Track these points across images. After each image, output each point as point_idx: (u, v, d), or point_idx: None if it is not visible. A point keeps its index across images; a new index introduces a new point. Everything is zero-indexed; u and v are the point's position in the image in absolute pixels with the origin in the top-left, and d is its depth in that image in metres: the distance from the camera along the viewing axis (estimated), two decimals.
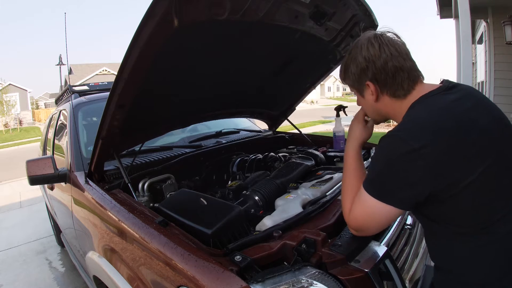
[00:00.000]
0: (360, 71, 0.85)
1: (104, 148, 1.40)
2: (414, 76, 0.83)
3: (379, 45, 0.82)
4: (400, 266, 1.10)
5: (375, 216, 0.80)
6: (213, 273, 0.81)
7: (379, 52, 0.82)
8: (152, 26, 0.95)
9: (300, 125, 4.00)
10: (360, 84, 0.88)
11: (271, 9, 1.22)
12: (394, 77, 0.82)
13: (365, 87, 0.87)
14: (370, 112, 0.94)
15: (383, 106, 0.88)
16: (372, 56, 0.82)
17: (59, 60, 4.64)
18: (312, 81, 2.10)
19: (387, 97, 0.85)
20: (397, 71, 0.81)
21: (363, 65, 0.84)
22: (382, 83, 0.84)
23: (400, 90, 0.83)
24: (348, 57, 0.88)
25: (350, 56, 0.87)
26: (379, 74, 0.83)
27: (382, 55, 0.82)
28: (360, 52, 0.84)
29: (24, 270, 3.03)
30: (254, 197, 1.33)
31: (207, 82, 1.60)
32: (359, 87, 0.89)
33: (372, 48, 0.83)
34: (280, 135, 2.51)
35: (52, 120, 3.01)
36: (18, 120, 22.25)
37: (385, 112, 0.89)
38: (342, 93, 55.88)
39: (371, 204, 0.79)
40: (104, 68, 26.76)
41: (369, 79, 0.84)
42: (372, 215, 0.81)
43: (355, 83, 0.89)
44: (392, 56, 0.81)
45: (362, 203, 0.82)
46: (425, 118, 0.76)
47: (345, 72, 0.91)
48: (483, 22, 5.42)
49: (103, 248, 1.32)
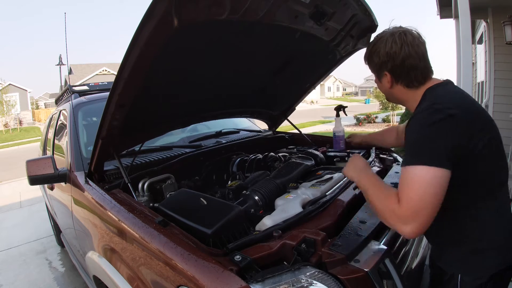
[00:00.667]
0: (381, 63, 1.00)
1: (104, 148, 1.40)
2: (426, 74, 0.98)
3: (401, 44, 0.95)
4: (400, 266, 1.10)
5: (429, 187, 0.81)
6: (213, 273, 0.81)
7: (400, 50, 0.95)
8: (152, 26, 0.95)
9: (300, 125, 4.00)
10: (379, 71, 1.03)
11: (271, 9, 1.22)
12: (408, 73, 0.97)
13: (383, 75, 1.02)
14: (384, 93, 1.11)
15: (397, 92, 1.04)
16: (393, 53, 0.96)
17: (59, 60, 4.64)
18: (312, 81, 2.10)
19: (401, 86, 1.01)
20: (411, 69, 0.96)
21: (384, 58, 0.98)
22: (397, 75, 0.99)
23: (414, 83, 0.98)
24: (373, 47, 1.02)
25: (375, 47, 1.01)
26: (396, 69, 0.98)
27: (402, 53, 0.95)
28: (384, 47, 0.98)
29: (24, 270, 3.03)
30: (254, 197, 1.33)
31: (207, 82, 1.60)
32: (378, 74, 1.05)
33: (395, 45, 0.96)
34: (280, 135, 2.51)
35: (52, 120, 3.01)
36: (18, 120, 22.24)
37: (398, 96, 1.06)
38: (342, 93, 55.90)
39: (422, 174, 0.82)
40: (104, 68, 26.76)
41: (387, 70, 1.00)
42: (426, 187, 0.81)
43: (375, 70, 1.05)
44: (410, 56, 0.95)
45: (411, 180, 0.83)
46: (449, 97, 0.92)
47: (369, 59, 1.06)
48: (483, 22, 5.42)
49: (103, 248, 1.32)
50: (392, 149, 1.93)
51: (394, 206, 0.85)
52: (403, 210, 0.83)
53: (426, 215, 0.81)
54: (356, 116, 13.83)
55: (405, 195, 0.83)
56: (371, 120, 13.52)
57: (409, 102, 1.03)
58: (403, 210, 0.83)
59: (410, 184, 0.83)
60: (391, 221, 0.87)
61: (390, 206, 0.86)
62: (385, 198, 0.89)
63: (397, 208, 0.84)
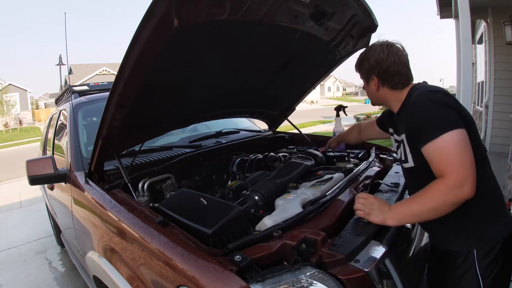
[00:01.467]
0: (370, 68, 1.15)
1: (104, 148, 1.40)
2: (408, 79, 1.14)
3: (388, 53, 1.12)
4: (400, 266, 1.10)
5: (461, 145, 0.91)
6: (213, 273, 0.81)
7: (386, 58, 1.12)
8: (152, 26, 0.95)
9: (300, 125, 4.00)
10: (368, 76, 1.18)
11: (271, 9, 1.22)
12: (393, 77, 1.13)
13: (371, 79, 1.17)
14: (370, 96, 1.25)
15: (382, 94, 1.18)
16: (381, 59, 1.12)
17: (59, 60, 4.63)
18: (312, 81, 2.10)
19: (387, 89, 1.16)
20: (395, 74, 1.12)
21: (373, 64, 1.14)
22: (384, 79, 1.14)
23: (398, 85, 1.13)
24: (364, 55, 1.18)
25: (366, 55, 1.17)
26: (382, 73, 1.13)
27: (388, 61, 1.11)
28: (373, 55, 1.14)
29: (24, 270, 3.03)
30: (254, 197, 1.33)
31: (207, 82, 1.60)
32: (367, 78, 1.19)
33: (382, 54, 1.12)
34: (280, 135, 2.51)
35: (52, 120, 3.01)
36: (18, 120, 22.24)
37: (382, 98, 1.20)
38: (342, 93, 55.90)
39: (451, 139, 0.92)
40: (104, 68, 26.76)
41: (375, 74, 1.15)
42: (459, 147, 0.91)
43: (364, 74, 1.20)
44: (395, 63, 1.11)
45: (444, 149, 0.92)
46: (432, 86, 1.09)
47: (360, 65, 1.20)
48: (483, 22, 5.42)
49: (103, 248, 1.32)
50: (392, 149, 1.93)
51: (444, 184, 0.91)
52: (453, 177, 0.90)
53: (470, 169, 0.90)
54: (356, 116, 13.83)
55: (446, 165, 0.91)
56: None
57: (392, 102, 1.17)
58: (453, 178, 0.90)
59: (445, 152, 0.92)
60: (451, 196, 0.91)
61: (441, 188, 0.92)
62: (430, 192, 0.94)
63: (447, 180, 0.91)
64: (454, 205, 0.92)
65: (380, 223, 1.04)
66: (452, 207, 0.92)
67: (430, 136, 0.95)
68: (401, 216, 1.01)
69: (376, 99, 1.23)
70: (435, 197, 0.93)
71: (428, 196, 0.94)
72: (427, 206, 0.95)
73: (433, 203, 0.93)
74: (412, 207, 0.99)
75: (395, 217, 1.01)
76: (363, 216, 1.07)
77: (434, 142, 0.93)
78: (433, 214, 0.96)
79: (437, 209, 0.94)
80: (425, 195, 0.95)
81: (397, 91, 1.14)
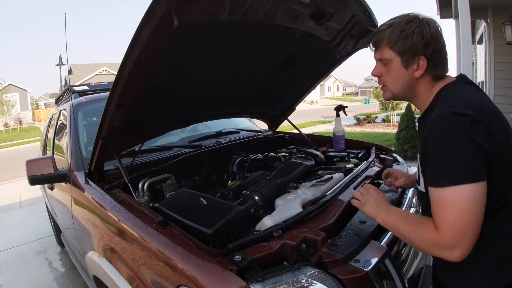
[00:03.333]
0: (422, 44, 0.84)
1: (104, 148, 1.40)
2: (447, 67, 0.90)
3: (441, 31, 0.87)
4: (400, 266, 1.10)
5: (470, 206, 0.72)
6: (212, 273, 0.81)
7: (441, 35, 0.86)
8: (152, 26, 0.95)
9: (300, 125, 4.01)
10: (412, 55, 0.86)
11: (271, 9, 1.22)
12: (444, 61, 0.88)
13: (415, 60, 0.86)
14: (399, 85, 0.92)
15: (419, 84, 0.90)
16: (437, 35, 0.85)
17: (59, 60, 4.64)
18: (312, 81, 2.10)
19: (429, 77, 0.88)
20: (446, 57, 0.88)
21: (428, 40, 0.84)
22: (434, 62, 0.86)
23: (443, 74, 0.89)
24: (409, 25, 0.85)
25: (414, 26, 0.85)
26: (435, 54, 0.86)
27: (442, 39, 0.87)
28: (428, 27, 0.85)
29: (24, 270, 3.03)
30: (254, 197, 1.33)
31: (207, 82, 1.60)
32: (408, 58, 0.87)
33: (439, 29, 0.86)
34: (280, 135, 2.51)
35: (52, 120, 3.01)
36: (18, 120, 22.24)
37: (414, 91, 0.91)
38: (342, 93, 55.90)
39: (460, 195, 0.72)
40: (104, 68, 26.76)
41: (425, 55, 0.85)
42: (466, 207, 0.72)
43: (406, 53, 0.86)
44: (445, 44, 0.88)
45: (448, 203, 0.74)
46: (469, 98, 0.81)
47: (402, 39, 0.86)
48: (483, 22, 5.42)
49: (103, 248, 1.32)
50: (392, 149, 1.93)
51: (433, 236, 0.77)
52: (446, 237, 0.74)
53: (471, 234, 0.73)
54: (356, 116, 13.83)
55: (444, 221, 0.74)
56: (371, 120, 13.52)
57: (420, 99, 0.92)
58: (445, 238, 0.74)
59: (448, 208, 0.74)
60: (435, 252, 0.79)
61: (430, 237, 0.78)
62: (421, 229, 0.80)
63: (438, 236, 0.76)
64: (435, 255, 0.80)
65: (370, 217, 0.96)
66: (434, 255, 0.82)
67: (437, 180, 0.76)
68: (388, 222, 0.91)
69: (405, 91, 0.92)
70: (420, 238, 0.81)
71: (417, 230, 0.82)
72: (411, 237, 0.84)
73: (416, 240, 0.83)
74: (400, 224, 0.87)
75: (385, 219, 0.92)
76: (357, 206, 1.01)
77: (440, 190, 0.75)
78: (413, 245, 0.89)
79: (416, 246, 0.87)
80: (416, 226, 0.83)
81: (433, 83, 0.89)
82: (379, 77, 0.96)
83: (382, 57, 0.91)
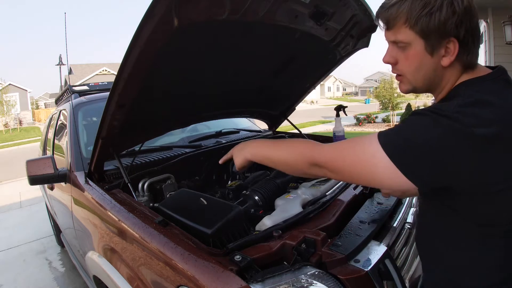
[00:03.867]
0: (455, 21, 0.63)
1: (104, 148, 1.40)
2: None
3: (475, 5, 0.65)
4: (400, 266, 1.10)
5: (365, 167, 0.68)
6: (213, 273, 0.81)
7: (475, 10, 0.65)
8: (152, 26, 0.95)
9: (300, 125, 4.01)
10: (440, 37, 0.65)
11: (271, 9, 1.22)
12: (477, 45, 0.67)
13: (444, 43, 0.65)
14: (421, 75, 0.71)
15: (446, 74, 0.69)
16: (471, 10, 0.64)
17: (59, 60, 4.64)
18: (312, 81, 2.10)
19: (459, 65, 0.68)
20: (480, 39, 0.68)
21: (461, 16, 0.63)
22: (464, 46, 0.65)
23: (475, 59, 0.68)
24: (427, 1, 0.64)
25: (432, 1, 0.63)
26: (468, 35, 0.64)
27: (477, 14, 0.65)
28: (460, 1, 0.63)
29: (24, 270, 3.03)
30: (254, 197, 1.33)
31: (207, 82, 1.60)
32: (434, 41, 0.65)
33: (472, 3, 0.65)
34: (280, 135, 2.51)
35: (52, 120, 3.01)
36: (18, 120, 22.25)
37: (440, 83, 0.71)
38: (342, 93, 55.94)
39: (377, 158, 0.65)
40: (104, 68, 26.76)
41: (457, 36, 0.64)
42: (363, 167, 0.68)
43: (433, 34, 0.65)
44: (478, 22, 0.68)
45: (361, 153, 0.69)
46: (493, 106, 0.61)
47: (427, 15, 0.64)
48: (483, 22, 5.42)
49: (103, 248, 1.32)
50: None
51: (313, 152, 0.76)
52: (322, 158, 0.74)
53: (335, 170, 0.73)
54: (356, 116, 13.84)
55: (337, 153, 0.73)
56: (371, 120, 13.53)
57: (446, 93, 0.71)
58: (321, 158, 0.74)
59: (353, 153, 0.70)
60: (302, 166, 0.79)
61: (308, 152, 0.77)
62: (300, 144, 0.81)
63: (317, 154, 0.75)
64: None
65: (242, 162, 0.94)
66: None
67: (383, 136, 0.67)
68: (257, 150, 0.90)
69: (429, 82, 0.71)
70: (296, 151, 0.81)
71: (293, 144, 0.82)
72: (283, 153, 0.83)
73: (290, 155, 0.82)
74: (272, 146, 0.87)
75: (252, 150, 0.91)
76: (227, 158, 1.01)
77: (372, 140, 0.67)
78: (285, 164, 0.85)
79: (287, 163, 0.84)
80: (291, 142, 0.83)
81: (464, 73, 0.69)
82: (393, 65, 0.74)
83: (398, 39, 0.68)
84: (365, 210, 1.19)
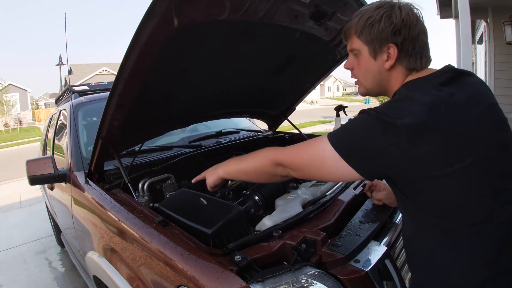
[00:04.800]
0: (390, 31, 0.76)
1: (104, 148, 1.40)
2: (429, 58, 0.81)
3: (418, 17, 0.78)
4: (400, 266, 1.10)
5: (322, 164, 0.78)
6: (213, 273, 0.81)
7: (417, 22, 0.77)
8: (152, 25, 0.95)
9: (300, 125, 4.00)
10: (380, 44, 0.78)
11: (271, 9, 1.22)
12: (420, 52, 0.78)
13: (384, 50, 0.78)
14: (369, 78, 0.84)
15: (392, 77, 0.81)
16: (410, 21, 0.76)
17: (59, 60, 4.64)
18: (312, 81, 2.10)
19: (402, 69, 0.79)
20: (424, 47, 0.79)
21: (399, 26, 0.76)
22: (405, 51, 0.78)
23: (418, 63, 0.79)
24: (377, 11, 0.78)
25: (382, 12, 0.77)
26: (407, 42, 0.77)
27: (418, 26, 0.77)
28: (399, 13, 0.76)
29: (24, 270, 3.03)
30: (254, 197, 1.33)
31: (207, 82, 1.60)
32: (376, 47, 0.79)
33: (413, 15, 0.77)
34: (280, 135, 2.51)
35: (52, 120, 3.01)
36: (18, 120, 22.26)
37: (387, 85, 0.83)
38: (342, 93, 55.91)
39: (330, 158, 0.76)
40: (104, 68, 26.76)
41: (395, 42, 0.77)
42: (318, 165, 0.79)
43: (374, 41, 0.79)
44: (424, 32, 0.79)
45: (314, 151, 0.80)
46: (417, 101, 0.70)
47: (369, 26, 0.78)
48: (483, 22, 5.41)
49: (103, 248, 1.32)
50: None
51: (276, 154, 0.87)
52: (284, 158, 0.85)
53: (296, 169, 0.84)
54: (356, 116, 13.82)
55: (296, 152, 0.84)
56: None
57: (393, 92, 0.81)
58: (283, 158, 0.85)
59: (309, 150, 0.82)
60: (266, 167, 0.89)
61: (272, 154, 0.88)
62: (265, 150, 0.92)
63: (280, 154, 0.86)
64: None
65: (215, 180, 1.06)
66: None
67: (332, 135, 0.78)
68: (229, 168, 1.02)
69: (378, 84, 0.84)
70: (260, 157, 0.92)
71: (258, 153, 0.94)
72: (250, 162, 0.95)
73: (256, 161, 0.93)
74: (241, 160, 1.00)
75: (225, 167, 1.03)
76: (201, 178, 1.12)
77: (324, 140, 0.78)
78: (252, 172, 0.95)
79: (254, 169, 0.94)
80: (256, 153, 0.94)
81: (409, 76, 0.80)
82: (351, 70, 0.88)
83: (352, 47, 0.84)
84: (365, 210, 1.19)
